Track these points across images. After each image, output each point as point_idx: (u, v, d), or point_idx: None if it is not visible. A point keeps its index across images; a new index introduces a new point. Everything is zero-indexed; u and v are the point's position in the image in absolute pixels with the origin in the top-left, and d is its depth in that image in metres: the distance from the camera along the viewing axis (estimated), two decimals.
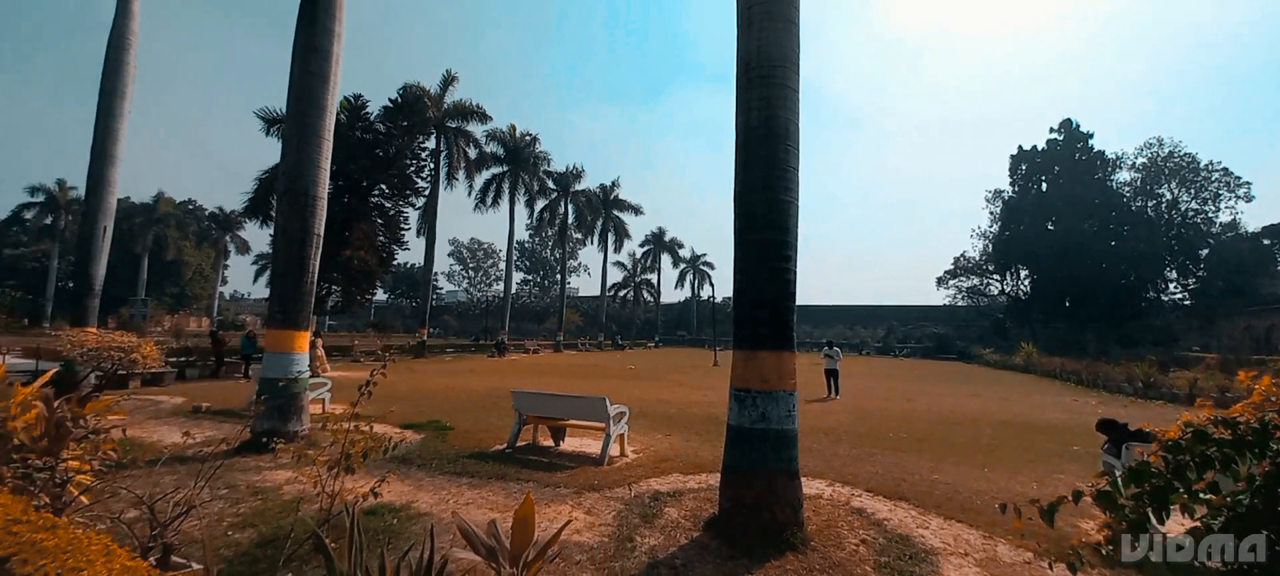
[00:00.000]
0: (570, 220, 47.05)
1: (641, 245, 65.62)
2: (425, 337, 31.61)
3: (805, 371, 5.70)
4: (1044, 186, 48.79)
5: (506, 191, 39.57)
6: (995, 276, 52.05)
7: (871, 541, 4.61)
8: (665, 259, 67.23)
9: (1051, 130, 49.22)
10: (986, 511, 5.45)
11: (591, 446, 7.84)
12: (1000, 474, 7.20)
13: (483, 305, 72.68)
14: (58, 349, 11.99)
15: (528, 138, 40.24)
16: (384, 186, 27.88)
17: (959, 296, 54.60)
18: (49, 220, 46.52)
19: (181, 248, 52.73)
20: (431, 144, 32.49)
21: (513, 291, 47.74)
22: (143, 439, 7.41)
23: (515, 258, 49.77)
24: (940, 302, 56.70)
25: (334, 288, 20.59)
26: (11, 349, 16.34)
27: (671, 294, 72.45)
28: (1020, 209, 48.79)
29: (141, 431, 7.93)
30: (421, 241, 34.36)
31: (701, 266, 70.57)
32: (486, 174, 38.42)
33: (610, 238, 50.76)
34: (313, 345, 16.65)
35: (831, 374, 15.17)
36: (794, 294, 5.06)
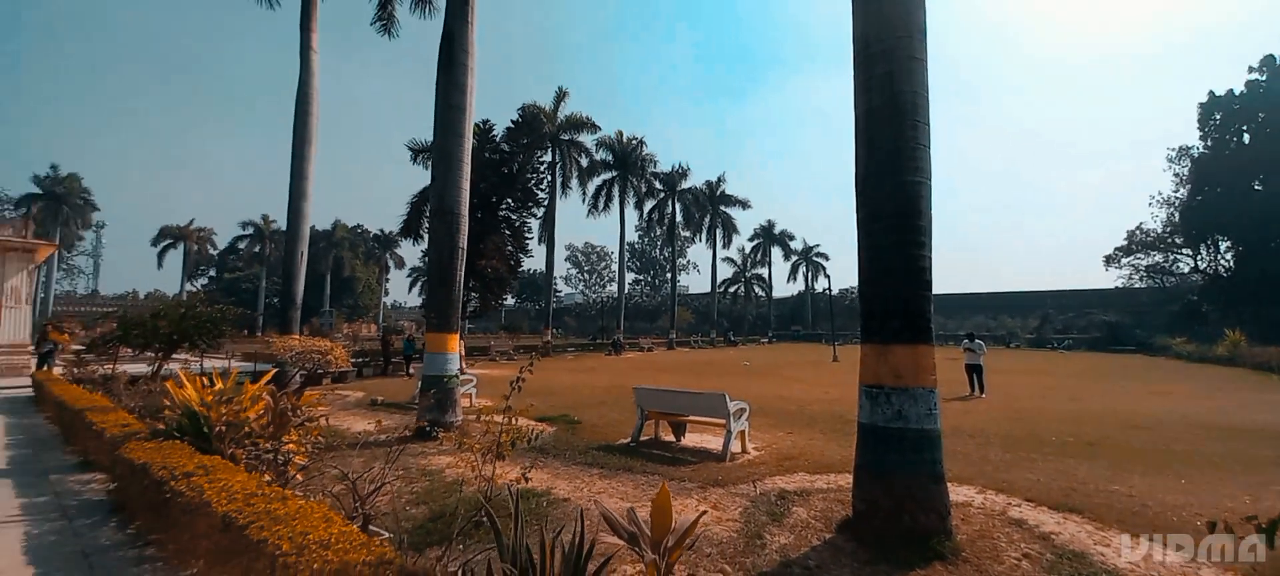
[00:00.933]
0: (678, 219, 47.38)
1: (751, 239, 64.10)
2: (549, 338, 33.68)
3: (941, 368, 5.20)
4: (1246, 138, 39.60)
5: (616, 195, 40.89)
6: (1185, 251, 43.04)
7: (1036, 557, 4.09)
8: (776, 252, 65.02)
9: (1251, 70, 39.63)
10: (1186, 528, 4.59)
11: (712, 442, 7.85)
12: (1202, 485, 6.02)
13: (598, 305, 75.72)
14: (270, 353, 14.69)
15: (634, 142, 41.23)
16: (510, 200, 30.22)
17: (1136, 276, 45.78)
18: (258, 248, 56.78)
19: (354, 266, 61.57)
20: (548, 157, 34.52)
21: (625, 291, 49.14)
22: (336, 426, 8.76)
23: (627, 258, 51.34)
24: (1111, 285, 48.15)
25: (473, 294, 22.69)
26: (234, 354, 20.18)
27: (783, 287, 69.92)
28: (1215, 168, 39.96)
29: (335, 420, 9.37)
30: (542, 248, 36.74)
31: (815, 258, 67.28)
32: (598, 180, 40.03)
33: (718, 234, 50.30)
34: None
35: (974, 369, 13.67)
36: (930, 282, 4.66)
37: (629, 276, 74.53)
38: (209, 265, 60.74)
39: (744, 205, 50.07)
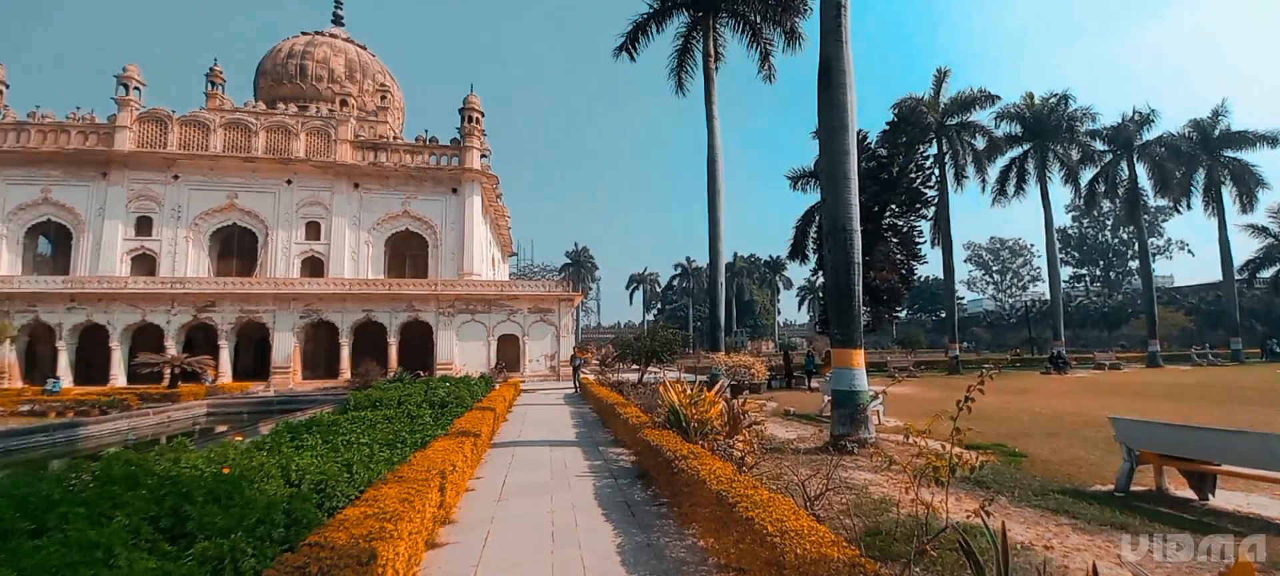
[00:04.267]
0: (1142, 183, 33.63)
1: None
2: (957, 352, 29.02)
3: None
4: None
5: (1032, 172, 32.28)
6: None
7: None
8: None
9: None
10: None
11: (1273, 508, 5.09)
12: None
13: (1017, 312, 60.85)
14: (700, 367, 17.99)
15: (1052, 100, 31.82)
16: (894, 206, 28.12)
17: None
18: (684, 283, 71.08)
19: (752, 290, 69.37)
20: (934, 149, 30.51)
21: (1061, 290, 37.37)
22: (760, 432, 9.88)
23: (1057, 248, 38.85)
24: None
25: (863, 309, 21.98)
26: (680, 368, 25.46)
27: None
28: None
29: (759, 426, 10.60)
30: (937, 252, 32.30)
31: None
32: (1002, 160, 32.64)
33: (1226, 193, 32.98)
34: None
35: None
36: None
37: (1064, 271, 57.27)
38: (656, 299, 79.54)
39: (1273, 141, 31.46)
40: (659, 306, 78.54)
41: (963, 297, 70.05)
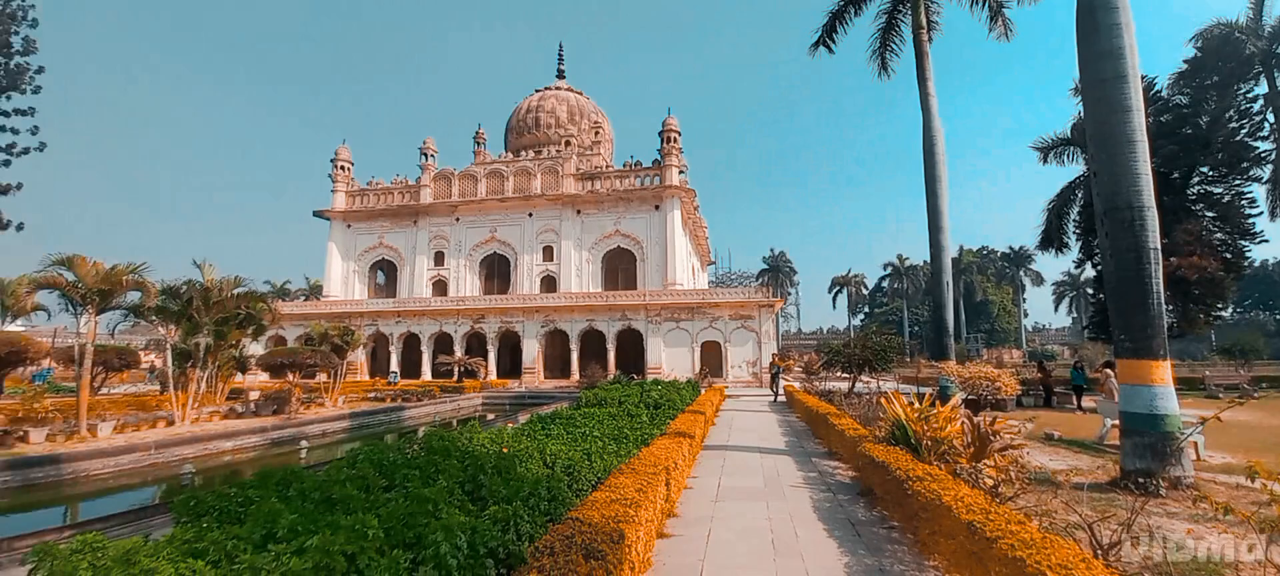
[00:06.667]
0: None
1: None
2: None
3: None
4: None
5: None
6: None
7: None
8: None
9: None
10: None
11: None
12: None
13: None
14: (921, 377, 15.62)
15: None
16: (1205, 169, 20.94)
17: None
18: (897, 284, 63.27)
19: (985, 289, 58.26)
20: (1262, 88, 21.81)
21: None
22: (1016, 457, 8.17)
23: None
24: None
25: (1165, 306, 16.62)
26: (896, 378, 22.57)
27: None
28: None
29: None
30: (1278, 226, 22.73)
31: None
32: None
33: None
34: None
35: None
36: None
37: None
38: (863, 303, 72.61)
39: None
40: (866, 310, 71.30)
41: None
